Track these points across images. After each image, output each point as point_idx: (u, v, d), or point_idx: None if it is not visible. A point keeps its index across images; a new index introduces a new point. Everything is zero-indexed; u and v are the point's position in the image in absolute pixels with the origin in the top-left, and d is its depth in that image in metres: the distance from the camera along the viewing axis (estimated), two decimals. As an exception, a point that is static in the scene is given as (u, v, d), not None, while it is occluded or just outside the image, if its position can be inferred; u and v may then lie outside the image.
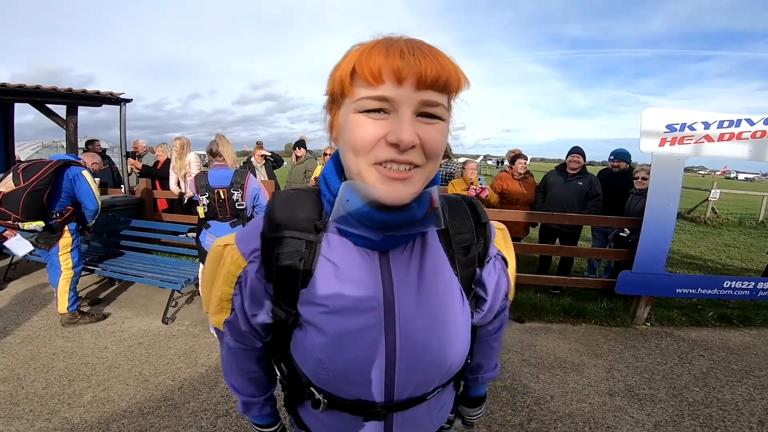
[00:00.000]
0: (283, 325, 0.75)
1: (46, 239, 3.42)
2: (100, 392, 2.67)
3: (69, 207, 3.46)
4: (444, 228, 0.74)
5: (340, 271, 0.71)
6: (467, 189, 4.68)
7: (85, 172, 3.49)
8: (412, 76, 0.56)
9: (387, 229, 0.65)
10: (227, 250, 0.76)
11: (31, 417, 2.41)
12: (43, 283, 4.62)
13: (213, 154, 3.22)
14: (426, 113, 0.59)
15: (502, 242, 0.87)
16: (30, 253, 3.44)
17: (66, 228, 3.48)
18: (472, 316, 0.82)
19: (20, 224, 3.19)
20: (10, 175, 3.21)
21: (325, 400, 0.76)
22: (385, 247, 0.71)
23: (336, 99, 0.65)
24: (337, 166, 0.71)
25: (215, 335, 0.94)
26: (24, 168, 3.22)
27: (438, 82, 0.57)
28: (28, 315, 3.82)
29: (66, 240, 3.49)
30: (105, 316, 3.82)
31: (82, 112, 6.70)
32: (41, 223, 3.27)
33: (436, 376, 0.76)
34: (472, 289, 0.81)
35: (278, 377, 0.88)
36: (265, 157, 6.47)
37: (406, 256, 0.73)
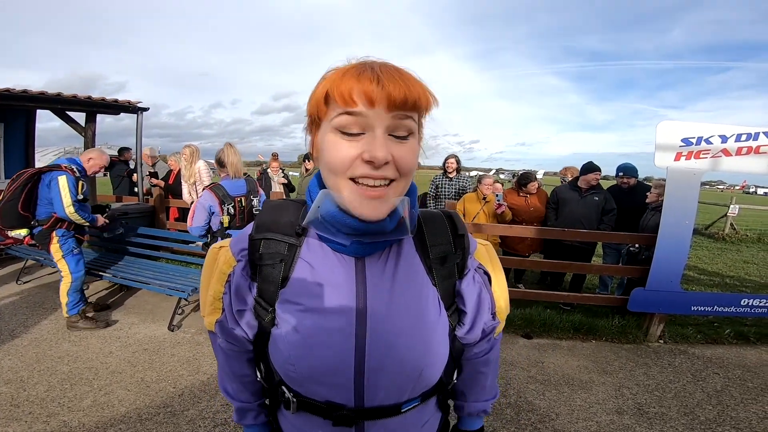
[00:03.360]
0: (263, 324, 0.77)
1: (42, 244, 3.47)
2: (100, 397, 2.68)
3: (54, 213, 3.42)
4: (418, 238, 0.79)
5: (315, 271, 0.74)
6: (496, 208, 4.63)
7: (62, 178, 3.33)
8: (382, 99, 0.60)
9: (357, 235, 0.68)
10: (222, 252, 0.82)
11: (30, 419, 2.42)
12: (54, 286, 4.69)
13: (221, 164, 3.28)
14: (398, 132, 0.63)
15: (485, 257, 0.88)
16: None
17: (53, 234, 3.44)
18: (456, 330, 0.81)
19: (8, 232, 3.27)
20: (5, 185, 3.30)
21: (294, 400, 0.77)
22: (357, 254, 0.73)
23: (314, 120, 0.69)
24: (319, 180, 0.75)
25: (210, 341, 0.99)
26: (13, 178, 3.30)
27: (407, 104, 0.61)
28: (37, 318, 3.88)
29: (54, 246, 3.47)
30: (108, 324, 3.80)
31: (108, 119, 6.88)
32: (22, 231, 3.32)
33: (408, 383, 0.75)
34: (454, 302, 0.81)
35: (259, 378, 0.89)
36: (282, 169, 6.60)
37: (381, 262, 0.75)
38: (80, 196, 3.44)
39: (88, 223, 3.58)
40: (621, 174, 4.84)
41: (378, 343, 0.71)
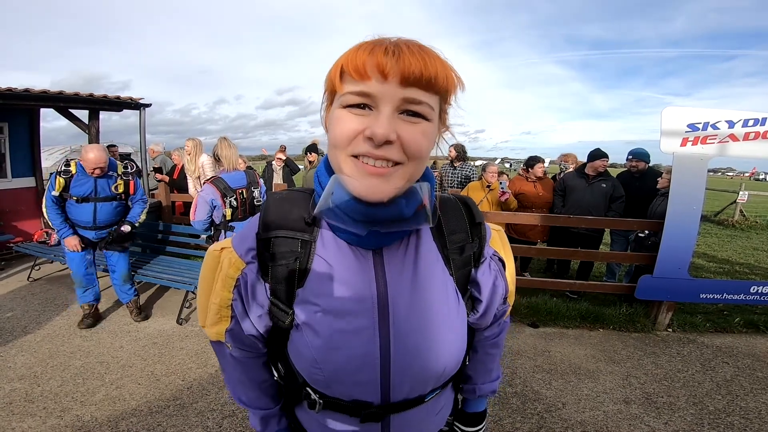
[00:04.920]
0: (281, 326, 0.74)
1: None
2: (112, 391, 2.72)
3: None
4: (435, 226, 0.75)
5: (333, 270, 0.70)
6: (500, 195, 4.61)
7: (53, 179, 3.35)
8: (395, 73, 0.56)
9: (373, 224, 0.63)
10: (224, 254, 0.77)
11: (44, 414, 2.47)
12: (66, 283, 4.75)
13: (218, 159, 3.30)
14: (409, 111, 0.59)
15: (499, 243, 0.86)
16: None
17: None
18: (468, 316, 0.80)
19: None
20: None
21: (321, 401, 0.75)
22: (374, 245, 0.70)
23: (330, 96, 0.66)
24: (328, 164, 0.71)
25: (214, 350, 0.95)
26: None
27: (421, 80, 0.57)
28: (49, 314, 3.93)
29: None
30: (95, 323, 3.72)
31: (115, 117, 6.93)
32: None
33: (431, 377, 0.74)
34: (468, 289, 0.80)
35: (275, 377, 0.87)
36: (283, 161, 6.57)
37: (400, 255, 0.72)
38: (56, 193, 3.34)
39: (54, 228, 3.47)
40: (630, 157, 4.77)
41: (401, 341, 0.70)
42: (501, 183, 4.69)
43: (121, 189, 3.56)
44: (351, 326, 0.69)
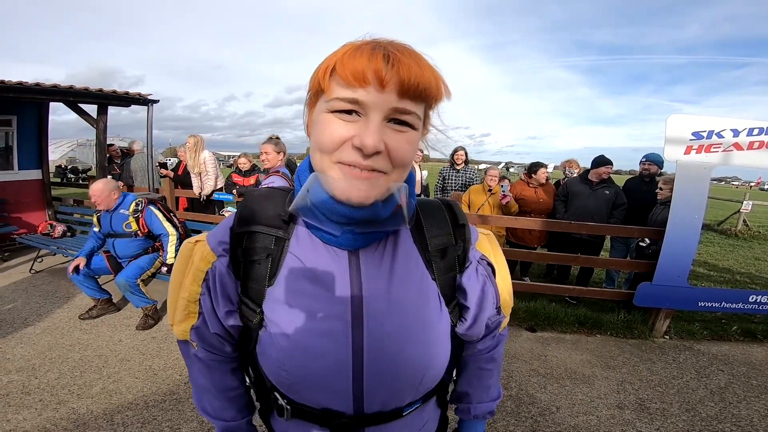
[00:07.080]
0: (250, 326, 0.71)
1: None
2: (109, 384, 2.75)
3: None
4: (416, 229, 0.73)
5: (306, 268, 0.68)
6: (501, 198, 4.61)
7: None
8: (393, 83, 0.55)
9: (349, 224, 0.62)
10: (197, 247, 0.74)
11: (40, 407, 2.49)
12: (66, 275, 4.78)
13: (284, 152, 3.53)
14: (397, 120, 0.58)
15: (487, 247, 0.81)
16: None
17: None
18: (456, 326, 0.75)
19: None
20: None
21: (289, 407, 0.72)
22: (351, 245, 0.67)
23: (315, 95, 0.63)
24: (310, 164, 0.68)
25: (181, 353, 0.90)
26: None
27: (416, 90, 0.56)
28: (50, 307, 3.97)
29: None
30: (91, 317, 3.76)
31: (124, 112, 7.03)
32: None
33: (410, 386, 0.70)
34: (455, 297, 0.75)
35: (247, 383, 0.84)
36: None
37: (377, 256, 0.69)
38: (96, 230, 3.73)
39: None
40: (644, 160, 4.73)
41: (376, 346, 0.66)
42: (502, 186, 4.70)
43: (134, 227, 3.62)
44: (321, 327, 0.66)
